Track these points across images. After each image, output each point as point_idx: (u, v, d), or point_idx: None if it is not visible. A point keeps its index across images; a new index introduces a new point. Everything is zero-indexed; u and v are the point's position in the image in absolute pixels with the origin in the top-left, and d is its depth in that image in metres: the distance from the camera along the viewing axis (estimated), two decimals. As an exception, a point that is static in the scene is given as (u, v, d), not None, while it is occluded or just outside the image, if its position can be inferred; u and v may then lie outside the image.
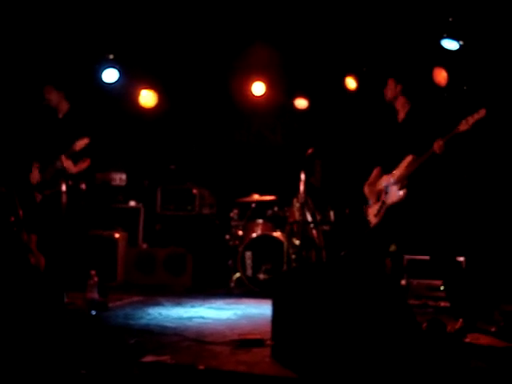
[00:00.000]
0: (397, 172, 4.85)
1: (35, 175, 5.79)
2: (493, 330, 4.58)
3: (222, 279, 7.51)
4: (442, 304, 5.97)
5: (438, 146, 4.49)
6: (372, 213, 5.03)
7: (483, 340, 4.31)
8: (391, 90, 4.99)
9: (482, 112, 4.34)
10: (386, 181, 4.95)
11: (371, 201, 5.05)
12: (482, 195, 6.96)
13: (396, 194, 4.81)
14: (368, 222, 5.08)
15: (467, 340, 4.28)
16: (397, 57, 7.00)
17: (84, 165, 5.75)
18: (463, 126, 4.41)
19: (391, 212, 4.89)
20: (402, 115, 4.98)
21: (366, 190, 5.10)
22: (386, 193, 4.91)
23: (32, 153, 5.98)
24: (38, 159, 5.84)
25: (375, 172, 5.12)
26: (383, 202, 4.94)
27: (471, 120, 4.37)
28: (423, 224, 4.73)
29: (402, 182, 4.78)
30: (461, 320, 4.53)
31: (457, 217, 6.37)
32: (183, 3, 6.77)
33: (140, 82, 8.45)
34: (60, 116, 5.95)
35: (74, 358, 3.71)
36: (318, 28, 7.09)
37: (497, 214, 6.81)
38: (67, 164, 5.62)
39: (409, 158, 4.76)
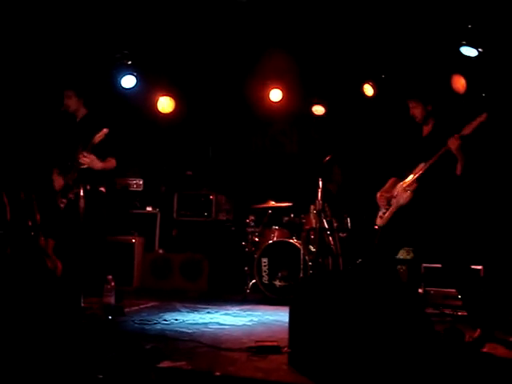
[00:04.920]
0: (409, 178, 4.89)
1: (59, 181, 5.72)
2: (511, 339, 4.54)
3: (238, 285, 7.52)
4: (460, 313, 5.93)
5: (452, 142, 4.53)
6: (379, 216, 5.09)
7: (501, 350, 4.27)
8: (420, 111, 4.95)
9: (484, 116, 4.44)
10: (398, 187, 4.98)
11: (381, 206, 5.08)
12: (498, 203, 6.91)
13: (403, 196, 4.87)
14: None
15: (485, 350, 4.25)
16: (415, 64, 6.98)
17: (110, 163, 5.69)
18: (466, 130, 4.50)
19: (397, 215, 4.94)
20: (426, 130, 4.98)
21: (378, 196, 5.11)
22: (395, 197, 4.96)
23: (51, 158, 5.97)
24: (59, 165, 5.80)
25: (390, 181, 5.14)
26: (390, 206, 5.00)
27: (474, 124, 4.47)
28: (435, 230, 4.72)
29: (411, 186, 4.84)
30: (479, 330, 4.50)
31: (473, 224, 6.34)
32: (201, 10, 6.79)
33: (158, 88, 8.50)
34: (77, 120, 5.90)
35: (91, 362, 3.73)
36: (336, 34, 7.08)
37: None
38: (90, 159, 5.49)
39: (421, 165, 4.80)
